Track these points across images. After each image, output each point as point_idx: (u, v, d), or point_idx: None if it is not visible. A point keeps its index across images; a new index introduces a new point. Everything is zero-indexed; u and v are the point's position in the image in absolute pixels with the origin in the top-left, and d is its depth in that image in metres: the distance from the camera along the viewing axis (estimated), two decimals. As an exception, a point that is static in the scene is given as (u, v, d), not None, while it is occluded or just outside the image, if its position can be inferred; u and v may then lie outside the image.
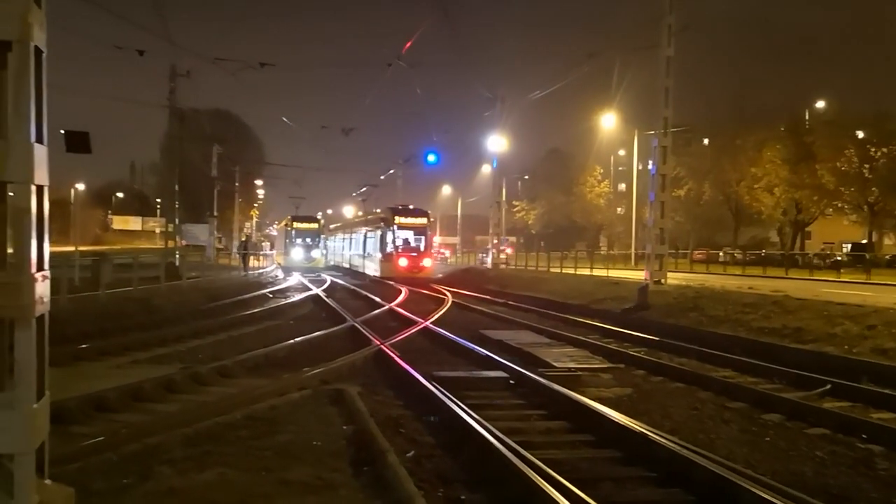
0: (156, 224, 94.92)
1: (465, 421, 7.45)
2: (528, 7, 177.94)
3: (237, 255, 44.12)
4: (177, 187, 41.14)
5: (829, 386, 10.34)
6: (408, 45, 30.02)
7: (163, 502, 4.85)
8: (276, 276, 40.40)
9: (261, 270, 44.24)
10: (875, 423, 8.35)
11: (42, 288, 3.54)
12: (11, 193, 3.44)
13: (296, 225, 61.55)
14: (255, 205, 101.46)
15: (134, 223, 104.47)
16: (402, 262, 38.85)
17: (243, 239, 53.44)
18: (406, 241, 39.95)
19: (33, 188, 3.48)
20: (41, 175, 3.51)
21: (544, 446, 6.93)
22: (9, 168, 3.34)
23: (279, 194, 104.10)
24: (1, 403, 3.43)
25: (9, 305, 3.35)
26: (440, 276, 42.19)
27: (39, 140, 3.53)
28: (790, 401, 9.47)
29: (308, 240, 60.54)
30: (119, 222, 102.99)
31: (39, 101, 3.53)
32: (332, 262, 60.25)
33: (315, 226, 63.84)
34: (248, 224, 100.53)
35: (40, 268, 3.55)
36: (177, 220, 44.64)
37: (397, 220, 40.45)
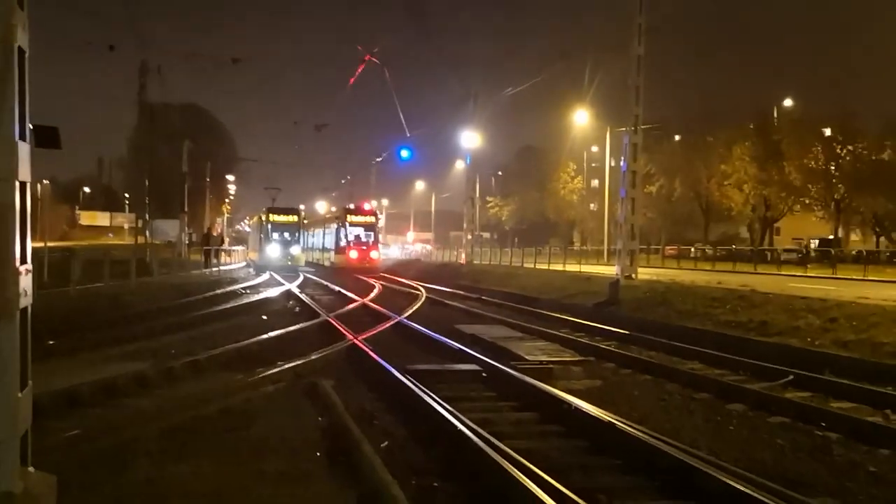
0: (124, 220, 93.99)
1: (438, 412, 7.60)
2: (502, 5, 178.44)
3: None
4: (147, 183, 40.90)
5: (791, 377, 10.63)
6: (366, 59, 30.06)
7: (141, 492, 4.96)
8: (246, 274, 39.95)
9: (227, 267, 43.35)
10: (834, 411, 8.63)
11: (25, 281, 3.66)
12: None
13: (273, 217, 52.45)
14: (227, 200, 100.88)
15: (102, 219, 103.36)
16: (353, 254, 45.62)
17: (204, 232, 48.22)
18: (357, 237, 46.44)
19: (17, 184, 3.59)
20: (24, 172, 3.62)
21: (516, 436, 7.09)
22: (-6, 165, 3.45)
23: (251, 190, 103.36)
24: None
25: (-6, 298, 3.46)
26: (410, 271, 42.74)
27: (23, 138, 3.64)
28: (753, 391, 9.77)
29: (286, 234, 51.64)
30: (87, 218, 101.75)
31: (23, 100, 3.64)
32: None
33: (294, 218, 54.10)
34: (219, 220, 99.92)
35: (23, 261, 3.66)
36: (147, 216, 44.36)
37: (349, 218, 47.38)
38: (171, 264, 33.41)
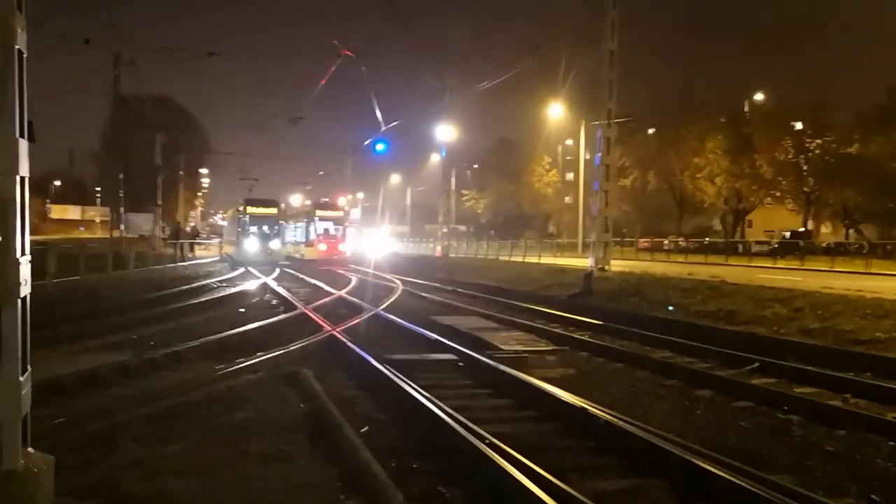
0: (96, 213, 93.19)
1: (416, 399, 7.85)
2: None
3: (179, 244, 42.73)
4: (122, 176, 40.68)
5: (757, 364, 10.97)
6: (342, 54, 30.14)
7: (131, 473, 5.15)
8: (222, 268, 39.80)
9: (202, 261, 43.07)
10: (796, 396, 8.98)
11: (26, 271, 3.86)
12: None
13: (250, 210, 49.46)
14: (200, 193, 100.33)
15: (73, 212, 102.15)
16: (322, 247, 47.80)
17: (174, 226, 47.41)
18: (326, 231, 48.36)
19: (18, 179, 3.79)
20: (24, 167, 3.82)
21: (491, 421, 7.34)
22: (-3, 160, 3.65)
23: (225, 183, 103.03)
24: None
25: (-2, 286, 3.66)
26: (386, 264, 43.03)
27: (22, 135, 3.83)
28: (721, 377, 10.11)
29: (265, 227, 48.56)
30: (58, 211, 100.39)
31: (21, 99, 3.84)
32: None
33: (274, 211, 50.99)
34: (192, 213, 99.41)
35: (23, 252, 3.86)
36: (122, 210, 44.15)
37: (318, 213, 49.32)
38: (147, 258, 33.33)
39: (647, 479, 5.86)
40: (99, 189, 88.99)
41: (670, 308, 17.36)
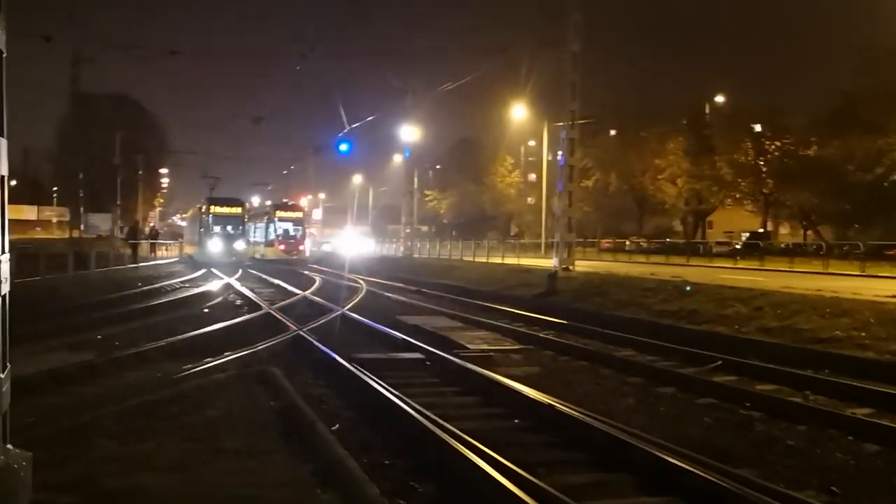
0: (52, 213, 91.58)
1: (385, 397, 7.92)
2: (440, 2, 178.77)
3: (143, 244, 42.00)
4: (81, 175, 40.12)
5: (719, 362, 11.21)
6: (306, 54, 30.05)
7: (107, 469, 5.16)
8: (183, 268, 39.30)
9: (162, 261, 42.25)
10: (757, 392, 9.21)
11: (6, 269, 3.87)
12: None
13: (214, 209, 47.68)
14: (159, 193, 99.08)
15: (29, 212, 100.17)
16: (282, 247, 49.23)
17: (131, 226, 45.49)
18: (286, 231, 49.83)
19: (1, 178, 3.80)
20: (4, 166, 3.84)
21: (459, 418, 7.43)
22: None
23: (184, 183, 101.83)
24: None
25: (-22, 283, 3.67)
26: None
27: (2, 134, 3.85)
28: (683, 375, 10.34)
29: (229, 227, 47.10)
30: (12, 212, 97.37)
31: (1, 99, 3.85)
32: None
33: (239, 210, 49.39)
34: (152, 213, 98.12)
35: (3, 251, 3.87)
36: (82, 209, 43.53)
37: (279, 213, 50.67)
38: (108, 258, 32.92)
39: (613, 472, 6.01)
40: (56, 188, 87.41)
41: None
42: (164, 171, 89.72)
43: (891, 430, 7.38)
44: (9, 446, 3.96)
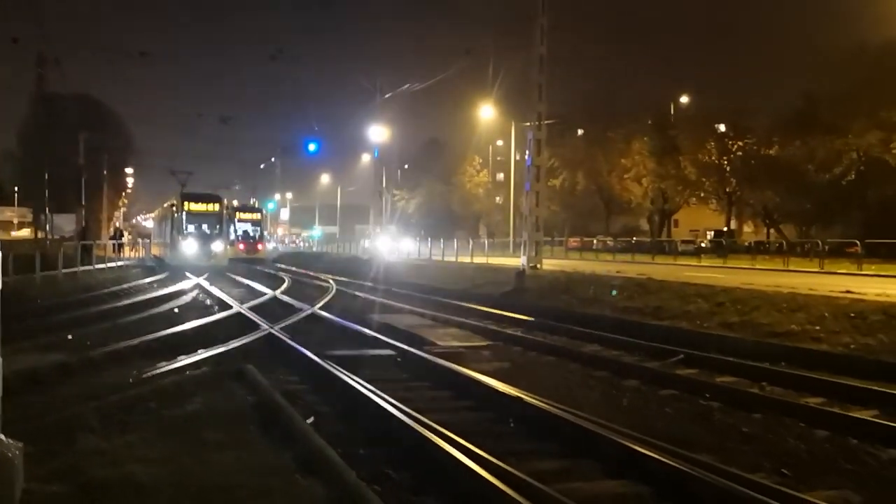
0: (13, 214, 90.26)
1: (359, 391, 8.13)
2: (409, 2, 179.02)
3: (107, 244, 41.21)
4: (47, 176, 39.72)
5: (682, 356, 11.57)
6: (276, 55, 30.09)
7: (94, 461, 5.32)
8: (150, 269, 38.74)
9: (125, 263, 41.32)
10: (716, 384, 9.59)
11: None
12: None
13: (190, 206, 41.58)
14: (123, 194, 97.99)
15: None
16: (241, 247, 49.34)
17: (82, 226, 43.59)
18: (245, 232, 50.28)
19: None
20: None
21: (433, 410, 7.65)
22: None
23: (151, 183, 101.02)
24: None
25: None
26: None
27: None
28: (648, 369, 10.71)
29: (206, 227, 40.96)
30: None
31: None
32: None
33: (216, 207, 42.93)
34: (116, 213, 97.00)
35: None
36: (47, 211, 43.08)
37: (239, 215, 51.23)
38: (74, 259, 32.68)
39: (580, 459, 6.29)
40: (17, 189, 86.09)
41: (613, 293, 18.14)
42: (129, 170, 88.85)
43: (840, 416, 7.79)
44: (1, 436, 4.13)
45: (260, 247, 51.67)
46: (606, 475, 5.98)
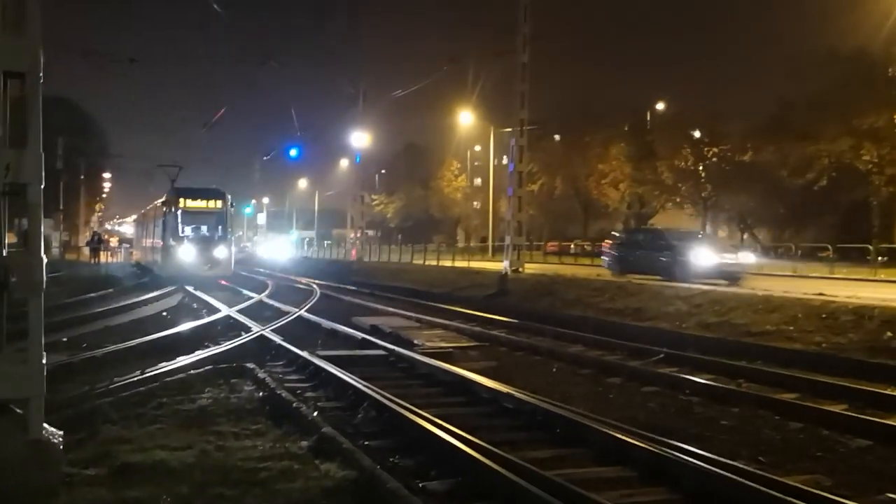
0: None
1: (357, 388, 8.52)
2: (392, 10, 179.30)
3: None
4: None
5: (662, 355, 12.04)
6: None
7: (122, 448, 5.67)
8: (133, 273, 38.76)
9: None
10: (696, 381, 10.03)
11: (45, 267, 4.41)
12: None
13: (186, 203, 32.50)
14: (99, 198, 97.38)
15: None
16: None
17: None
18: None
19: (41, 188, 4.36)
20: (42, 178, 4.39)
21: (427, 406, 8.02)
22: (28, 172, 4.23)
23: (126, 187, 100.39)
24: (18, 359, 4.29)
25: (28, 281, 4.23)
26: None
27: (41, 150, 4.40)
28: (630, 367, 11.17)
29: (205, 229, 32.37)
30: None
31: (38, 118, 4.41)
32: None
33: (219, 205, 32.72)
34: (93, 218, 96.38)
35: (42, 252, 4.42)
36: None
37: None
38: (54, 264, 32.70)
39: (571, 448, 6.71)
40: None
41: None
42: (107, 175, 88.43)
43: (813, 410, 8.29)
44: (46, 425, 4.48)
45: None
46: (596, 462, 6.39)
